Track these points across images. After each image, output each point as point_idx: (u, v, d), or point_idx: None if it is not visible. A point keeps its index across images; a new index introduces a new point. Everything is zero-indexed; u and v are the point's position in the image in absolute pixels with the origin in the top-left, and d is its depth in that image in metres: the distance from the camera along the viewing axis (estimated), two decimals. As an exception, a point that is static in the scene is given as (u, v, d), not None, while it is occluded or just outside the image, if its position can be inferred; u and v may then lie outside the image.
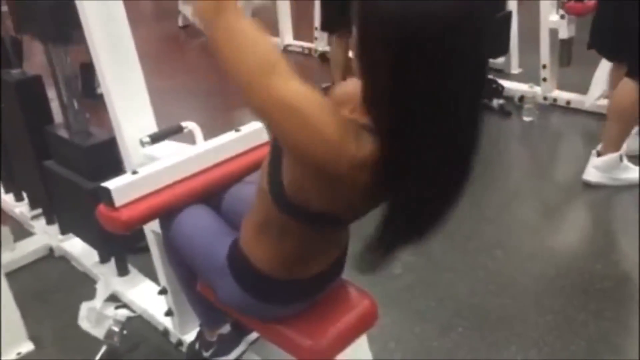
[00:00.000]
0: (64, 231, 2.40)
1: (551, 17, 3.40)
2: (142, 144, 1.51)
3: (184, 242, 1.42)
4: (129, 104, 1.51)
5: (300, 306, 1.30)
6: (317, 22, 4.45)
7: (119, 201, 1.40)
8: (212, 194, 1.52)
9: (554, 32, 3.41)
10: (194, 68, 4.73)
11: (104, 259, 2.25)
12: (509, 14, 3.69)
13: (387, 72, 0.86)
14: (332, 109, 0.93)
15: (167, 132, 1.55)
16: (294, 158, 0.99)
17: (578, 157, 2.87)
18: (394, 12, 0.83)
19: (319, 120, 0.90)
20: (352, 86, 1.06)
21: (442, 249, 2.29)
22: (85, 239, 2.19)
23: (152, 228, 1.75)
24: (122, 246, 2.12)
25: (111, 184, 1.40)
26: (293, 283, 1.24)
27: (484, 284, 2.14)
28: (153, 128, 1.58)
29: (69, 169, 2.04)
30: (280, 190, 1.06)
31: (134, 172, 1.44)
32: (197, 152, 1.54)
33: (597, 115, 3.29)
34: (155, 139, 1.52)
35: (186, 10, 5.57)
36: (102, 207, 1.43)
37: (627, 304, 2.03)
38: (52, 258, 2.42)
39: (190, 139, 1.63)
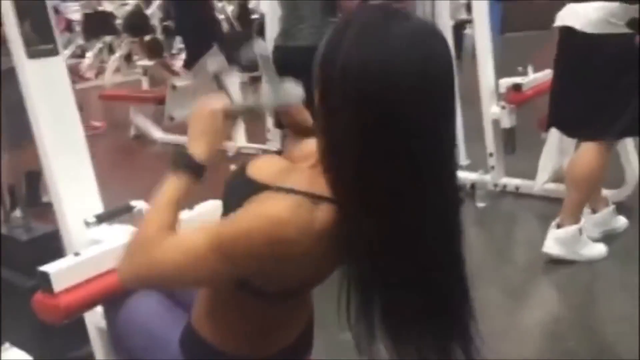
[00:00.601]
0: (-2, 342, 2.18)
1: (492, 109, 3.57)
2: (87, 224, 1.41)
3: (132, 332, 1.28)
4: (72, 179, 1.43)
5: None
6: (269, 121, 4.51)
7: (58, 286, 1.29)
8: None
9: (496, 123, 3.56)
10: (147, 175, 4.65)
11: (41, 369, 2.03)
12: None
13: (346, 133, 0.84)
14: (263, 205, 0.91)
15: (115, 211, 1.47)
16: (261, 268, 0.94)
17: (534, 237, 2.89)
18: (355, 69, 0.82)
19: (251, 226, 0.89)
20: (312, 144, 1.04)
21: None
22: (21, 345, 1.98)
23: (95, 324, 1.61)
24: (63, 351, 1.92)
25: (50, 267, 1.29)
26: None
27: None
28: (99, 209, 1.49)
29: (7, 267, 1.90)
30: (245, 286, 1.00)
31: (76, 254, 1.33)
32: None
33: (546, 199, 3.40)
34: (101, 219, 1.43)
35: (138, 120, 5.61)
36: (38, 295, 1.30)
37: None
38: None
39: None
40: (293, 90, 1.05)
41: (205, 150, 1.03)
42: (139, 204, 1.53)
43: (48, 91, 1.46)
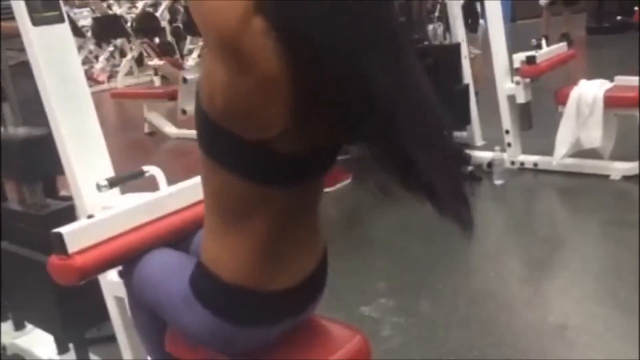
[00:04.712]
0: (18, 325, 2.19)
1: (507, 85, 3.52)
2: (99, 188, 1.39)
3: (148, 285, 1.25)
4: (82, 144, 1.42)
5: (280, 328, 1.14)
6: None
7: (72, 247, 1.26)
8: (175, 239, 1.39)
9: (512, 99, 3.51)
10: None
11: (62, 349, 2.02)
12: (467, 86, 3.80)
13: None
14: None
15: (127, 176, 1.45)
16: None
17: (554, 211, 2.85)
18: None
19: None
20: None
21: (431, 305, 2.15)
22: (41, 324, 1.98)
23: (113, 293, 1.60)
24: (83, 327, 1.91)
25: (64, 229, 1.27)
26: (267, 295, 1.08)
27: (480, 337, 1.99)
28: (110, 174, 1.47)
29: (24, 246, 1.89)
30: (209, 129, 0.97)
31: (90, 216, 1.32)
32: (159, 196, 1.43)
33: (565, 174, 3.35)
34: (113, 183, 1.41)
35: (152, 117, 5.63)
36: (53, 258, 1.28)
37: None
38: (4, 357, 2.19)
39: (153, 187, 1.52)
40: None
41: None
42: (151, 169, 1.51)
43: (54, 58, 1.45)
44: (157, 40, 7.93)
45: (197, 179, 1.48)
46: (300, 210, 1.08)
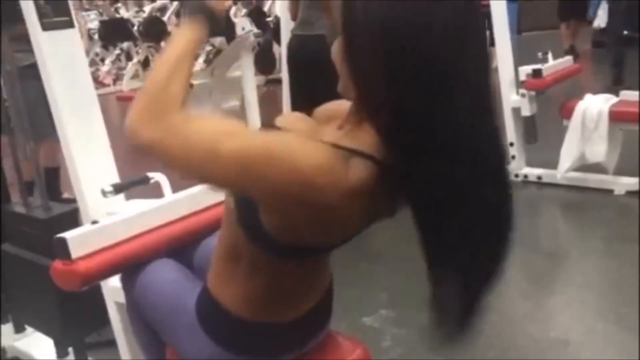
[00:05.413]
0: (18, 328, 2.18)
1: (512, 97, 3.52)
2: (104, 194, 1.39)
3: (149, 299, 1.26)
4: (88, 150, 1.42)
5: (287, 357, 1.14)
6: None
7: (75, 253, 1.27)
8: (180, 248, 1.39)
9: (517, 112, 3.51)
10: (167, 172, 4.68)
11: (61, 353, 2.02)
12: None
13: (378, 81, 0.80)
14: (302, 141, 0.86)
15: (132, 182, 1.45)
16: (278, 204, 0.88)
17: (557, 225, 2.84)
18: (380, 16, 0.78)
19: (290, 157, 0.83)
20: (337, 104, 1.02)
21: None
22: (41, 327, 1.98)
23: (115, 299, 1.59)
24: (83, 331, 1.91)
25: (67, 234, 1.27)
26: (272, 327, 1.09)
27: (481, 351, 1.98)
28: (115, 180, 1.47)
29: (26, 248, 1.89)
30: (258, 231, 0.95)
31: (94, 222, 1.32)
32: (164, 203, 1.43)
33: (569, 188, 3.34)
34: (118, 189, 1.41)
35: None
36: (56, 263, 1.28)
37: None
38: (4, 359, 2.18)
39: (158, 194, 1.52)
40: None
41: None
42: (156, 176, 1.51)
43: (63, 63, 1.45)
44: (163, 44, 7.95)
45: (201, 187, 1.49)
46: None
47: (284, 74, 5.16)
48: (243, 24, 3.86)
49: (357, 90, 0.86)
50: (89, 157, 1.44)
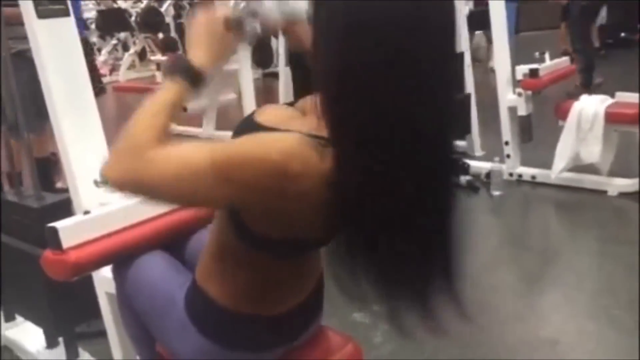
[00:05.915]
0: (8, 317, 2.18)
1: (509, 96, 3.52)
2: (97, 184, 1.38)
3: (140, 291, 1.25)
4: (82, 139, 1.41)
5: (272, 354, 1.14)
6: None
7: (67, 243, 1.26)
8: (172, 240, 1.38)
9: (513, 111, 3.52)
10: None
11: (51, 343, 2.01)
12: (469, 95, 3.81)
13: (334, 76, 0.81)
14: (270, 134, 0.88)
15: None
16: (260, 202, 0.89)
17: (550, 225, 2.84)
18: (340, 9, 0.80)
19: (257, 153, 0.84)
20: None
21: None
22: (31, 316, 1.97)
23: (105, 289, 1.59)
24: (74, 322, 1.90)
25: (59, 224, 1.26)
26: (260, 321, 1.08)
27: (471, 349, 1.98)
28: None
29: (18, 238, 1.88)
30: (239, 219, 0.96)
31: (86, 212, 1.31)
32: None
33: (563, 188, 3.35)
34: (111, 179, 1.40)
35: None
36: (47, 252, 1.28)
37: None
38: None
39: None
40: (298, 4, 1.01)
41: (204, 57, 1.00)
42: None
43: (58, 52, 1.44)
44: (160, 35, 7.92)
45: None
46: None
47: (281, 68, 5.18)
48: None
49: (315, 77, 0.86)
50: (82, 147, 1.43)
